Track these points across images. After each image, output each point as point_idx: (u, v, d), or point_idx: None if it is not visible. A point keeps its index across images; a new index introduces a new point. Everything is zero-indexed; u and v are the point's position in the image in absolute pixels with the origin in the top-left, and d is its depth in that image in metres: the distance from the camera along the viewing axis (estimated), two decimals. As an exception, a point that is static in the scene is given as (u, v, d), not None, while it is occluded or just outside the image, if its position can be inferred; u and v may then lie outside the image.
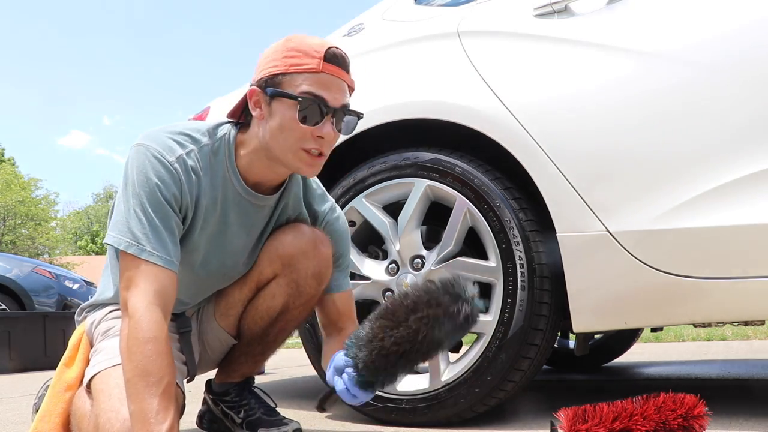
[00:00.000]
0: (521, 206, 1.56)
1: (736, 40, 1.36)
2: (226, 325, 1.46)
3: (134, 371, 1.04)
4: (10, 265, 5.66)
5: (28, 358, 4.34)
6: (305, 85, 1.17)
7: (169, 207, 1.17)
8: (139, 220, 1.14)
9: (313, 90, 1.17)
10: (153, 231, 1.14)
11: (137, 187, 1.15)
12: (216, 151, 1.26)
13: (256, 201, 1.32)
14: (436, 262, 1.64)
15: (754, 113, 1.32)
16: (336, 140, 1.24)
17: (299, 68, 1.17)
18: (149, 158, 1.17)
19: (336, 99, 1.19)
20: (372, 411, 1.67)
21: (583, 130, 1.46)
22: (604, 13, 1.51)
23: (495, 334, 1.53)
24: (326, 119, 1.19)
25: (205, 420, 1.61)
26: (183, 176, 1.19)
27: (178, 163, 1.19)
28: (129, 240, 1.13)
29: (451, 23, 1.73)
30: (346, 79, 1.22)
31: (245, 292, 1.43)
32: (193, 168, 1.22)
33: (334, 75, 1.19)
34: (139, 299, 1.09)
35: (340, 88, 1.20)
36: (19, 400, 2.52)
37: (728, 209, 1.31)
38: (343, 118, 1.22)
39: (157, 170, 1.16)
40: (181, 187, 1.19)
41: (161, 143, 1.20)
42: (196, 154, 1.23)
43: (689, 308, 1.38)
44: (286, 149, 1.21)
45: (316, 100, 1.17)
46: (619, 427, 1.14)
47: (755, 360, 3.40)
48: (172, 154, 1.19)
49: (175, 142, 1.21)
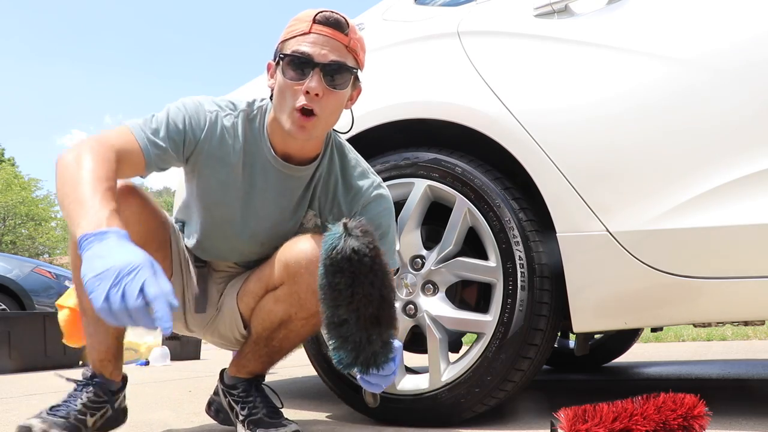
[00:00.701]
0: (521, 206, 1.56)
1: (736, 40, 1.36)
2: (241, 308, 1.49)
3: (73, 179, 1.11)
4: (10, 265, 5.65)
5: (28, 358, 4.33)
6: (295, 45, 1.27)
7: (183, 138, 1.31)
8: (154, 120, 1.30)
9: (300, 47, 1.26)
10: (155, 131, 1.28)
11: (173, 105, 1.33)
12: (252, 119, 1.39)
13: (286, 170, 1.39)
14: (436, 262, 1.64)
15: (754, 113, 1.32)
16: (331, 98, 1.28)
17: (293, 33, 1.29)
18: (193, 102, 1.35)
19: (323, 55, 1.25)
20: (372, 411, 1.67)
21: (583, 130, 1.46)
22: (604, 13, 1.51)
23: (495, 334, 1.53)
24: (313, 74, 1.25)
25: (212, 408, 1.64)
26: (209, 126, 1.33)
27: (211, 115, 1.34)
28: (134, 122, 1.29)
29: (451, 23, 1.73)
30: (338, 38, 1.27)
31: (258, 286, 1.45)
32: (226, 127, 1.35)
33: (323, 34, 1.26)
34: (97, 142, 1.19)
35: (329, 44, 1.26)
36: (19, 400, 2.52)
37: (728, 209, 1.31)
38: (335, 73, 1.27)
39: (192, 110, 1.33)
40: (202, 131, 1.33)
41: (204, 100, 1.37)
42: (233, 119, 1.37)
43: (689, 308, 1.38)
44: (282, 110, 1.30)
45: (302, 56, 1.25)
46: (619, 427, 1.14)
47: (755, 360, 3.40)
48: (211, 107, 1.36)
49: (216, 104, 1.37)
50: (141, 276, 0.95)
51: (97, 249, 0.98)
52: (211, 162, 1.36)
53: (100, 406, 1.38)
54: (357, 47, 1.31)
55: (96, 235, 1.00)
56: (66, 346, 4.58)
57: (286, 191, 1.41)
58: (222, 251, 1.50)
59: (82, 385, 1.38)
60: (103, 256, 0.97)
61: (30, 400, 2.52)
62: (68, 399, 1.35)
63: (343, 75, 1.29)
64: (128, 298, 0.93)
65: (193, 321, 1.54)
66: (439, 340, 1.61)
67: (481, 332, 1.57)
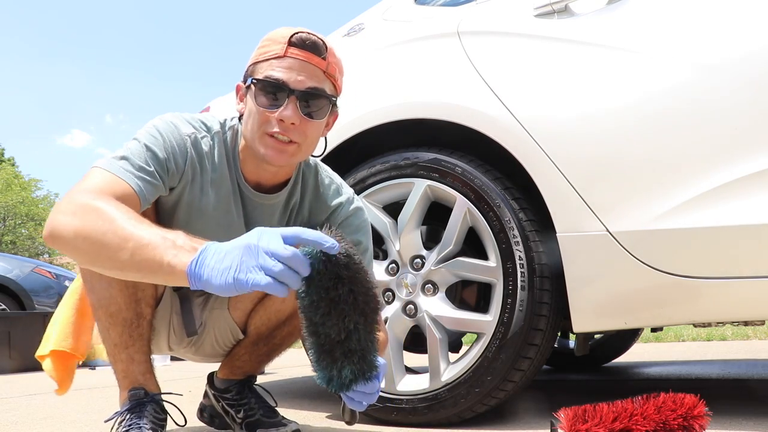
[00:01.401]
0: (521, 206, 1.56)
1: (736, 40, 1.36)
2: (236, 317, 1.47)
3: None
4: (11, 265, 5.65)
5: (28, 358, 4.32)
6: (269, 70, 1.17)
7: (166, 164, 1.18)
8: (134, 157, 1.14)
9: (273, 73, 1.16)
10: (141, 167, 1.14)
11: (149, 136, 1.19)
12: (225, 141, 1.29)
13: (256, 198, 1.32)
14: (436, 262, 1.64)
15: (754, 113, 1.32)
16: (309, 127, 1.19)
17: (266, 56, 1.19)
18: (168, 125, 1.22)
19: (299, 81, 1.16)
20: (372, 411, 1.67)
21: (583, 130, 1.46)
22: (604, 13, 1.51)
23: (495, 334, 1.53)
24: (288, 102, 1.16)
25: (206, 414, 1.62)
26: (190, 150, 1.22)
27: (190, 138, 1.23)
28: (111, 161, 1.12)
29: (451, 23, 1.73)
30: (316, 62, 1.18)
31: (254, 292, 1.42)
32: (204, 152, 1.25)
33: (300, 59, 1.17)
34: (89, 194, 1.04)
35: (306, 70, 1.17)
36: (19, 400, 2.51)
37: (728, 209, 1.31)
38: (312, 101, 1.19)
39: (169, 134, 1.21)
40: (186, 157, 1.22)
41: (179, 121, 1.24)
42: (207, 140, 1.27)
43: (689, 308, 1.38)
44: (253, 136, 1.20)
45: (275, 82, 1.16)
46: (619, 427, 1.14)
47: (755, 360, 3.40)
48: (187, 129, 1.24)
49: (191, 125, 1.26)
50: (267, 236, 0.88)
51: (213, 258, 0.88)
52: (194, 191, 1.26)
53: (163, 422, 1.30)
54: (335, 72, 1.22)
55: (200, 254, 0.90)
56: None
57: (262, 220, 1.34)
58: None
59: (136, 407, 1.26)
60: (224, 250, 0.89)
61: (30, 400, 2.52)
62: (130, 426, 1.24)
63: (319, 102, 1.20)
64: (278, 251, 0.86)
65: (174, 340, 1.49)
66: (439, 340, 1.61)
67: (481, 332, 1.57)
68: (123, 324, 1.26)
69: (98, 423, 1.84)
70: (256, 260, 0.85)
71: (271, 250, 0.85)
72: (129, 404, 1.27)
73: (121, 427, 1.25)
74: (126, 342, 1.27)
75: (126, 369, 1.29)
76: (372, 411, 1.67)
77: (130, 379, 1.29)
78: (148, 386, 1.30)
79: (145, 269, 0.94)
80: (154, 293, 1.31)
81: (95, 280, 1.26)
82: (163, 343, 1.49)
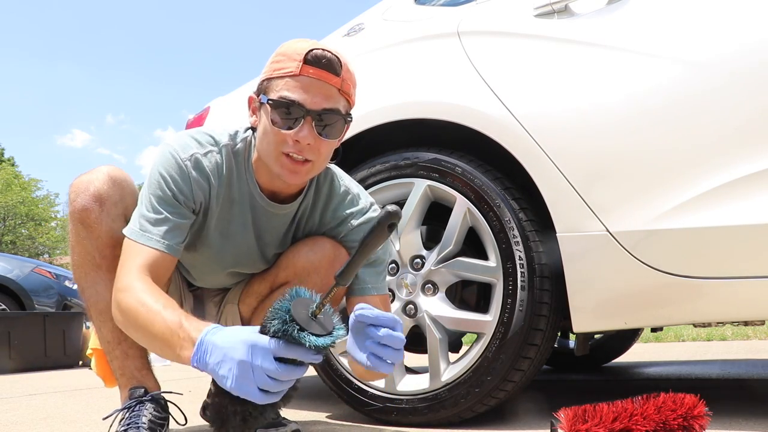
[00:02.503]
0: (521, 206, 1.56)
1: (736, 40, 1.36)
2: (243, 311, 1.48)
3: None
4: (11, 265, 5.65)
5: (28, 358, 4.34)
6: (284, 89, 1.16)
7: (175, 199, 1.22)
8: (148, 211, 1.21)
9: (289, 93, 1.16)
10: (156, 220, 1.20)
11: (152, 181, 1.23)
12: (237, 153, 1.30)
13: (270, 208, 1.32)
14: (436, 262, 1.64)
15: (754, 113, 1.32)
16: (323, 146, 1.20)
17: (281, 72, 1.18)
18: (165, 155, 1.24)
19: (315, 102, 1.16)
20: (372, 411, 1.67)
21: (583, 130, 1.46)
22: (604, 14, 1.51)
23: (495, 334, 1.53)
24: (304, 123, 1.16)
25: (208, 412, 1.62)
26: (193, 173, 1.24)
27: (189, 161, 1.24)
28: (134, 227, 1.21)
29: (451, 23, 1.73)
30: (331, 81, 1.17)
31: (263, 286, 1.44)
32: (209, 168, 1.26)
33: (315, 78, 1.16)
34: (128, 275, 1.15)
35: (321, 90, 1.16)
36: (19, 400, 2.51)
37: (728, 209, 1.31)
38: (327, 121, 1.18)
39: (168, 166, 1.23)
40: (190, 183, 1.24)
41: (180, 142, 1.26)
42: (215, 155, 1.27)
43: (689, 308, 1.38)
44: (269, 155, 1.21)
45: (291, 103, 1.15)
46: (619, 427, 1.14)
47: (755, 360, 3.40)
48: (186, 152, 1.24)
49: (196, 141, 1.27)
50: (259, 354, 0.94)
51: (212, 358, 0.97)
52: (205, 209, 1.29)
53: (163, 421, 1.29)
54: (350, 88, 1.21)
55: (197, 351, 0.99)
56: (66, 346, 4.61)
57: (272, 229, 1.36)
58: (208, 283, 1.48)
59: (135, 405, 1.27)
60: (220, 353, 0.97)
61: (30, 400, 2.52)
62: (129, 425, 1.24)
63: (335, 122, 1.19)
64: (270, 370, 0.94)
65: None
66: (439, 340, 1.62)
67: (481, 332, 1.57)
68: (113, 320, 1.26)
69: (98, 423, 1.84)
70: (252, 381, 0.94)
71: (264, 369, 0.93)
72: (128, 402, 1.27)
73: (119, 425, 1.25)
74: (118, 337, 1.29)
75: (122, 365, 1.30)
76: (372, 411, 1.67)
77: (128, 377, 1.30)
78: (147, 384, 1.30)
79: (167, 356, 1.08)
80: None
81: (83, 280, 1.30)
82: None
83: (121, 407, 1.28)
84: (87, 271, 1.29)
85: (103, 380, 1.49)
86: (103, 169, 1.32)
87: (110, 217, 1.28)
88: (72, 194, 1.29)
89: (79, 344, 4.74)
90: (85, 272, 1.29)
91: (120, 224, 1.28)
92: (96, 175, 1.30)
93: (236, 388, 0.94)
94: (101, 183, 1.28)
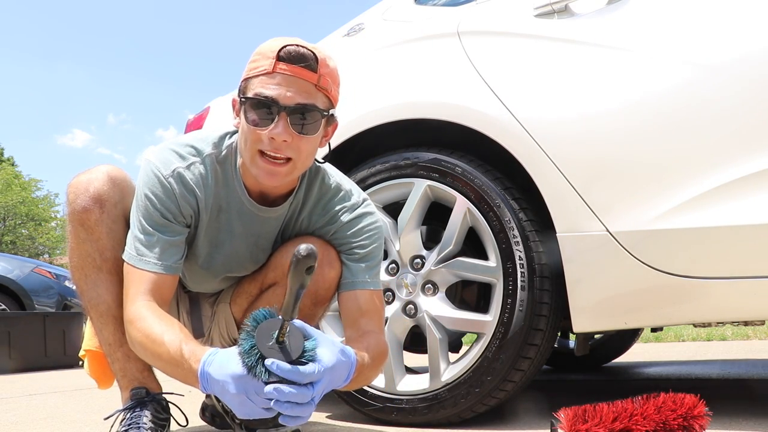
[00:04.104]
0: (521, 206, 1.56)
1: (736, 41, 1.36)
2: (235, 312, 1.47)
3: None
4: (11, 265, 5.65)
5: (28, 358, 4.33)
6: (259, 86, 1.15)
7: (163, 218, 1.23)
8: (140, 233, 1.23)
9: (263, 90, 1.14)
10: (150, 242, 1.22)
11: (138, 202, 1.24)
12: (223, 160, 1.28)
13: (260, 212, 1.31)
14: (436, 262, 1.64)
15: (754, 113, 1.32)
16: (302, 143, 1.17)
17: (256, 71, 1.17)
18: (148, 174, 1.24)
19: (288, 98, 1.14)
20: (372, 411, 1.67)
21: (583, 130, 1.46)
22: (604, 14, 1.51)
23: (495, 334, 1.53)
24: (279, 119, 1.14)
25: (207, 413, 1.62)
26: (177, 189, 1.23)
27: (172, 177, 1.23)
28: (131, 252, 1.23)
29: (451, 23, 1.73)
30: (306, 76, 1.15)
31: (252, 287, 1.44)
32: (194, 180, 1.25)
33: (289, 74, 1.14)
34: (133, 305, 1.19)
35: (295, 86, 1.14)
36: (19, 400, 2.52)
37: (728, 209, 1.31)
38: (303, 117, 1.16)
39: (152, 185, 1.23)
40: (176, 199, 1.23)
41: (161, 158, 1.25)
42: (199, 166, 1.26)
43: (689, 308, 1.38)
44: (247, 155, 1.20)
45: (265, 100, 1.14)
46: (619, 427, 1.14)
47: (755, 360, 3.40)
48: (168, 168, 1.23)
49: (177, 154, 1.25)
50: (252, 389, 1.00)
51: (215, 388, 1.03)
52: (196, 221, 1.29)
53: (164, 422, 1.30)
54: (328, 84, 1.18)
55: (201, 379, 1.04)
56: (66, 346, 4.60)
57: (265, 233, 1.35)
58: (202, 288, 1.48)
59: (136, 405, 1.28)
60: (220, 381, 1.01)
61: (30, 400, 2.52)
62: (130, 426, 1.24)
63: (312, 117, 1.16)
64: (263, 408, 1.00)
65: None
66: (439, 340, 1.61)
67: (481, 332, 1.57)
68: (114, 322, 1.27)
69: (98, 423, 1.84)
70: (254, 406, 0.99)
71: (260, 397, 0.98)
72: (130, 403, 1.27)
73: (120, 425, 1.25)
74: (120, 340, 1.28)
75: (123, 367, 1.30)
76: (372, 411, 1.67)
77: (129, 378, 1.30)
78: (148, 385, 1.30)
79: (177, 378, 1.12)
80: None
81: (82, 282, 1.28)
82: None
83: (123, 408, 1.28)
84: (87, 273, 1.28)
85: (97, 382, 1.49)
86: (103, 168, 1.31)
87: (111, 218, 1.27)
88: (71, 195, 1.28)
89: (79, 344, 4.73)
90: (86, 274, 1.28)
91: (120, 225, 1.28)
92: (95, 175, 1.29)
93: (243, 415, 1.01)
94: (101, 183, 1.27)
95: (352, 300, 1.33)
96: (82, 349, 1.49)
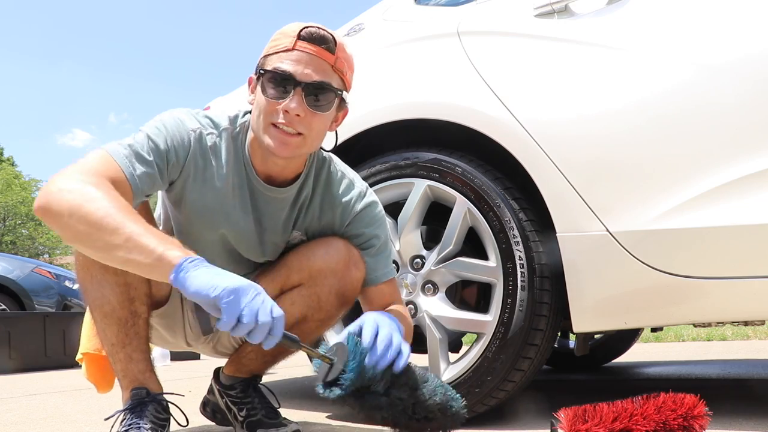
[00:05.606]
0: (521, 206, 1.56)
1: (736, 41, 1.36)
2: None
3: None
4: (11, 265, 5.66)
5: (28, 358, 4.33)
6: (277, 62, 1.21)
7: (166, 156, 1.23)
8: (140, 149, 1.20)
9: (282, 65, 1.19)
10: (141, 159, 1.19)
11: (150, 124, 1.25)
12: (236, 137, 1.32)
13: (269, 192, 1.34)
14: (436, 262, 1.64)
15: (754, 113, 1.32)
16: (315, 120, 1.21)
17: (276, 48, 1.22)
18: (172, 116, 1.26)
19: (306, 74, 1.19)
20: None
21: (583, 130, 1.46)
22: (605, 14, 1.51)
23: (495, 334, 1.53)
24: (294, 93, 1.19)
25: (208, 408, 1.62)
26: (194, 143, 1.26)
27: (193, 132, 1.27)
28: (119, 149, 1.19)
29: (451, 23, 1.73)
30: (324, 56, 1.21)
31: (271, 288, 1.41)
32: (210, 148, 1.28)
33: (308, 52, 1.20)
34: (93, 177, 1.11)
35: (313, 64, 1.20)
36: (19, 400, 2.52)
37: (728, 209, 1.31)
38: (318, 94, 1.21)
39: (172, 123, 1.25)
40: (188, 147, 1.25)
41: (187, 114, 1.29)
42: (215, 138, 1.29)
43: (689, 308, 1.38)
44: (259, 126, 1.23)
45: (283, 74, 1.19)
46: (619, 427, 1.14)
47: (755, 360, 3.40)
48: (192, 123, 1.27)
49: (197, 120, 1.29)
50: (268, 299, 1.05)
51: (207, 270, 1.04)
52: (197, 186, 1.29)
53: (165, 422, 1.29)
54: (344, 67, 1.24)
55: (196, 260, 1.05)
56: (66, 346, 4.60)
57: (271, 213, 1.36)
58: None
59: (137, 406, 1.26)
60: (220, 274, 1.04)
61: (30, 400, 2.52)
62: (130, 426, 1.24)
63: (326, 96, 1.22)
64: (261, 315, 1.02)
65: (192, 336, 1.50)
66: (439, 340, 1.62)
67: (481, 332, 1.57)
68: (118, 323, 1.26)
69: (98, 423, 1.84)
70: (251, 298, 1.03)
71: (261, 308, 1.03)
72: (130, 403, 1.27)
73: (121, 426, 1.25)
74: (123, 341, 1.27)
75: (125, 368, 1.29)
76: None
77: (131, 378, 1.29)
78: (149, 385, 1.30)
79: (135, 253, 1.04)
80: (147, 291, 1.30)
81: (87, 282, 1.27)
82: (180, 339, 1.51)
83: (123, 408, 1.28)
84: (93, 273, 1.26)
85: (96, 386, 1.47)
86: None
87: None
88: None
89: (79, 344, 4.73)
90: (91, 274, 1.26)
91: None
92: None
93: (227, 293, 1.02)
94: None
95: (378, 293, 1.40)
96: (79, 353, 1.48)
